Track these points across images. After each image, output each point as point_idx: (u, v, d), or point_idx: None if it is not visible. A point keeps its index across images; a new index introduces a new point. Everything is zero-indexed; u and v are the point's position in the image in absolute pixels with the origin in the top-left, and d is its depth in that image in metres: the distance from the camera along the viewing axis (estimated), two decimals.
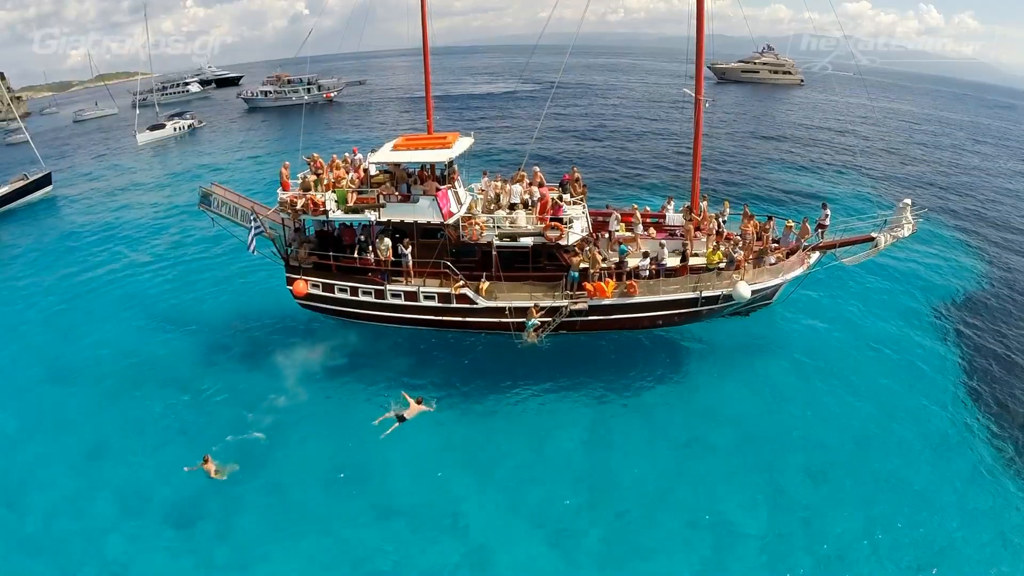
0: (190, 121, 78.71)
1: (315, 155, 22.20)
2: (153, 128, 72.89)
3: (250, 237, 20.43)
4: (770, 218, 20.71)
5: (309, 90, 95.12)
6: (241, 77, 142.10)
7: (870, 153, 57.22)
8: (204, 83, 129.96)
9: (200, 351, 22.02)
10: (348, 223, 21.12)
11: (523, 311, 19.38)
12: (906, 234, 18.51)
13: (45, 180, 47.60)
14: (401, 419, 17.59)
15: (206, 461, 16.47)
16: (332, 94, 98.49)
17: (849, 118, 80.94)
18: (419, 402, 17.98)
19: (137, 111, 77.85)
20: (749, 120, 75.34)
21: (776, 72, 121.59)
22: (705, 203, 21.73)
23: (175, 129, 75.07)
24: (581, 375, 20.38)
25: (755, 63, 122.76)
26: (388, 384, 20.01)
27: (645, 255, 19.59)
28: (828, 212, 20.67)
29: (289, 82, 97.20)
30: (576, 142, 58.72)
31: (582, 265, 19.27)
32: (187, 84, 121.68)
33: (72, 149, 72.38)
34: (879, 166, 52.04)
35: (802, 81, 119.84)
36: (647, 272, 19.26)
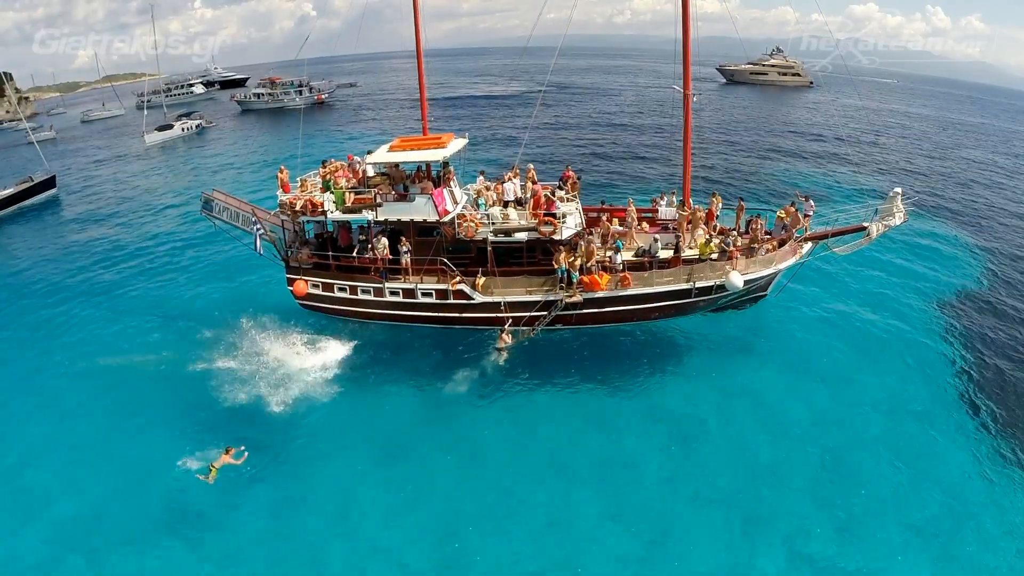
0: (198, 121, 79.20)
1: (332, 159, 22.62)
2: (161, 128, 73.46)
3: (255, 240, 21.01)
4: (757, 217, 20.87)
5: (301, 92, 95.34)
6: (247, 79, 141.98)
7: (869, 152, 57.21)
8: (208, 84, 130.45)
9: (203, 350, 22.16)
10: (343, 224, 21.41)
11: (519, 306, 19.74)
12: (897, 223, 18.65)
13: (50, 182, 48.06)
14: (500, 351, 20.13)
15: (227, 451, 16.69)
16: (323, 96, 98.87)
17: (852, 119, 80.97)
18: (504, 332, 20.17)
19: (145, 112, 78.69)
20: (753, 120, 75.42)
21: (785, 74, 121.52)
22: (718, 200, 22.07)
23: (183, 129, 75.60)
24: (576, 369, 20.65)
25: (763, 65, 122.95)
26: (388, 377, 20.36)
27: (616, 250, 19.94)
28: (812, 203, 20.81)
29: (281, 85, 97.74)
30: (577, 141, 59.00)
31: (573, 261, 19.50)
32: (191, 85, 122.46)
33: (79, 150, 73.07)
34: (877, 165, 52.11)
35: (811, 83, 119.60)
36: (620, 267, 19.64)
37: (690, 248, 20.01)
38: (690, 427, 18.19)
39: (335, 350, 21.63)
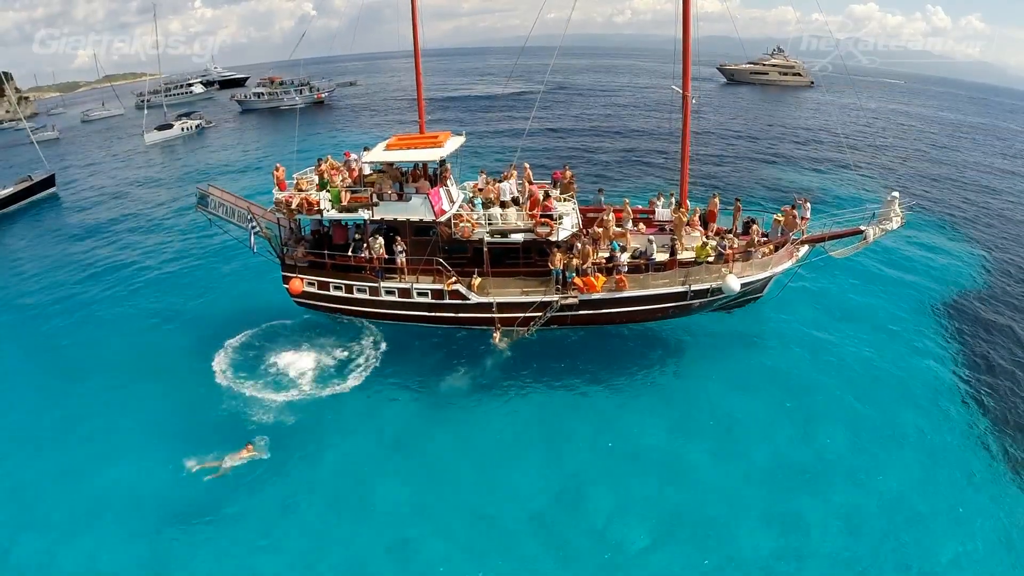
0: (198, 121, 79.28)
1: (328, 156, 22.62)
2: (161, 128, 73.48)
3: (250, 238, 20.92)
4: (753, 220, 20.83)
5: (300, 91, 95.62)
6: (247, 78, 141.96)
7: (869, 154, 57.12)
8: (208, 84, 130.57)
9: (201, 348, 22.17)
10: (338, 222, 21.41)
11: (514, 307, 19.73)
12: (894, 226, 18.61)
13: (49, 181, 48.21)
14: (499, 344, 20.10)
15: (249, 449, 16.93)
16: (323, 95, 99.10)
17: (853, 119, 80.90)
18: (498, 331, 19.99)
19: (145, 112, 78.83)
20: (753, 121, 75.34)
21: (785, 74, 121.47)
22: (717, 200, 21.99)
23: (183, 129, 75.65)
24: (573, 369, 20.64)
25: (764, 64, 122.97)
26: (388, 375, 20.39)
27: (623, 249, 19.85)
28: (808, 205, 20.73)
29: (281, 84, 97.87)
30: (575, 141, 59.05)
31: (569, 262, 19.46)
32: (190, 85, 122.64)
33: (79, 149, 73.15)
34: (877, 165, 52.10)
35: (812, 83, 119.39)
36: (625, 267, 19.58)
37: (686, 250, 19.97)
38: (676, 443, 17.83)
39: (333, 348, 21.66)
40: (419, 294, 20.41)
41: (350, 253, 20.87)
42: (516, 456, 17.24)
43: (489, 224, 19.96)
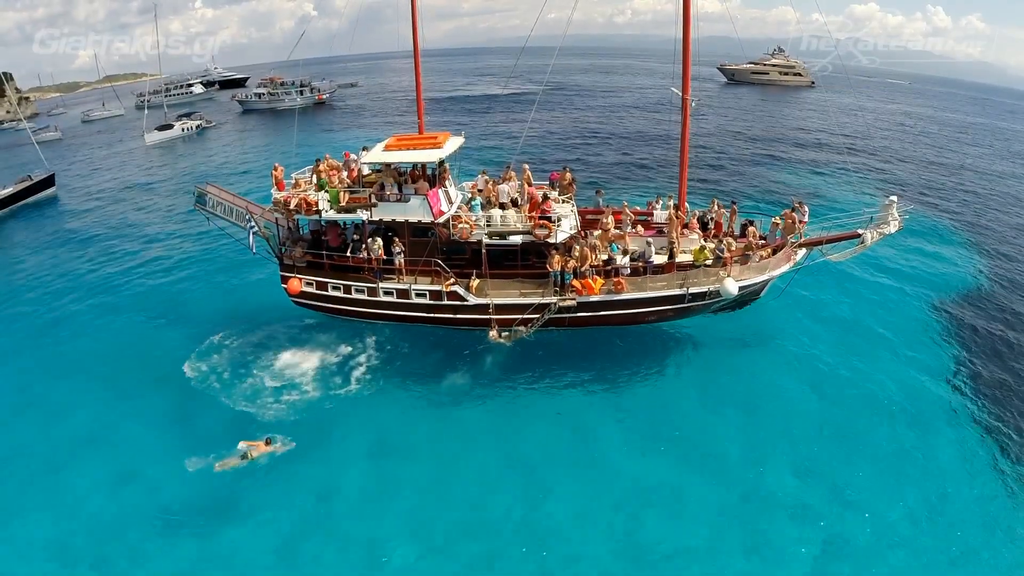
0: (199, 122, 79.30)
1: (327, 156, 22.62)
2: (161, 128, 73.56)
3: (249, 237, 20.83)
4: (751, 222, 20.81)
5: (302, 92, 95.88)
6: (247, 78, 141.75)
7: (869, 156, 57.05)
8: (208, 84, 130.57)
9: (198, 348, 22.23)
10: (335, 223, 21.42)
11: (512, 308, 19.73)
12: (892, 231, 18.60)
13: (49, 181, 48.27)
14: (500, 339, 19.75)
15: (267, 443, 17.15)
16: (324, 96, 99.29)
17: (854, 120, 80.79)
18: (493, 328, 19.72)
19: (146, 112, 78.89)
20: (754, 121, 75.29)
21: (786, 74, 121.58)
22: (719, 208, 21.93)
23: (183, 129, 75.71)
24: (572, 370, 20.71)
25: (765, 64, 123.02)
26: (387, 375, 20.50)
27: (624, 252, 19.82)
28: (806, 209, 20.72)
29: (282, 84, 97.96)
30: (575, 142, 59.02)
31: (567, 264, 19.43)
32: (191, 86, 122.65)
33: (79, 149, 73.20)
34: (877, 167, 52.02)
35: (813, 83, 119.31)
36: (628, 270, 19.52)
37: (683, 252, 19.95)
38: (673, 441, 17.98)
39: (332, 348, 21.68)
40: (417, 295, 20.40)
41: (348, 254, 20.88)
42: (513, 462, 17.24)
43: (488, 225, 19.96)
